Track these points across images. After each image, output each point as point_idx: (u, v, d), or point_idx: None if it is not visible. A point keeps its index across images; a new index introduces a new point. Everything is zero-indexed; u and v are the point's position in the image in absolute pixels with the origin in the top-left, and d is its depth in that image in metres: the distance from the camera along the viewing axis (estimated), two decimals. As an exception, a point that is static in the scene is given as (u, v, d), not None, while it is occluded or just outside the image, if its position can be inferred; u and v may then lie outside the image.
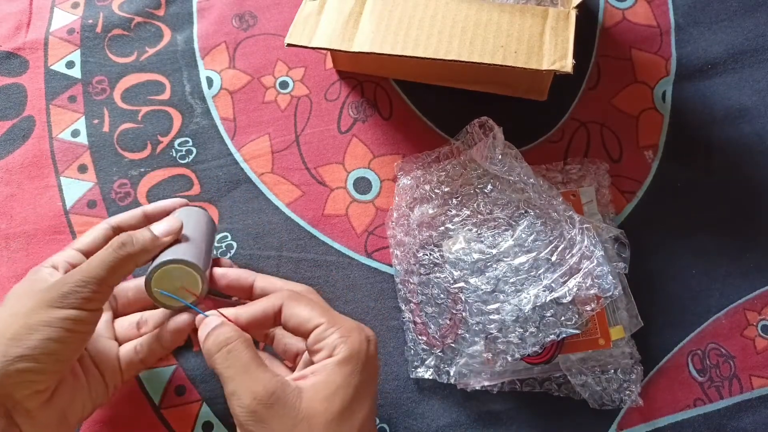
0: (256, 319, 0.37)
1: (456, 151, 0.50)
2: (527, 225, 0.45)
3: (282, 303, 0.36)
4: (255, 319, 0.36)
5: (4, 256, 0.51)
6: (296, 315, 0.36)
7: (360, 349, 0.34)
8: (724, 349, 0.47)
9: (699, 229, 0.50)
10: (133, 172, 0.54)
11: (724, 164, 0.52)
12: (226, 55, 0.58)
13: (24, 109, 0.57)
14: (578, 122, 0.54)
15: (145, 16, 0.60)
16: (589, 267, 0.42)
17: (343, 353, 0.34)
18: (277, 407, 0.32)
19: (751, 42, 0.57)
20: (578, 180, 0.50)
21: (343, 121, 0.55)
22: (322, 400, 0.32)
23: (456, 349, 0.45)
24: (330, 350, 0.34)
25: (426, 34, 0.46)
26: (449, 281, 0.45)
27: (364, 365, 0.34)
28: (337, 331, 0.34)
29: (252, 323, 0.37)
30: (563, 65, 0.44)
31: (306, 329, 0.35)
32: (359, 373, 0.33)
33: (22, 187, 0.53)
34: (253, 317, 0.37)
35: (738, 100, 0.55)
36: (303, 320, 0.35)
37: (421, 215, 0.48)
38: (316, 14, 0.49)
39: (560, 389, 0.45)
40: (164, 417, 0.45)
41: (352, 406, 0.33)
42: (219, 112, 0.56)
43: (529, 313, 0.42)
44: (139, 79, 0.58)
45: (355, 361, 0.34)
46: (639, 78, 0.56)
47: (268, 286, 0.40)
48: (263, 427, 0.32)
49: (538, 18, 0.47)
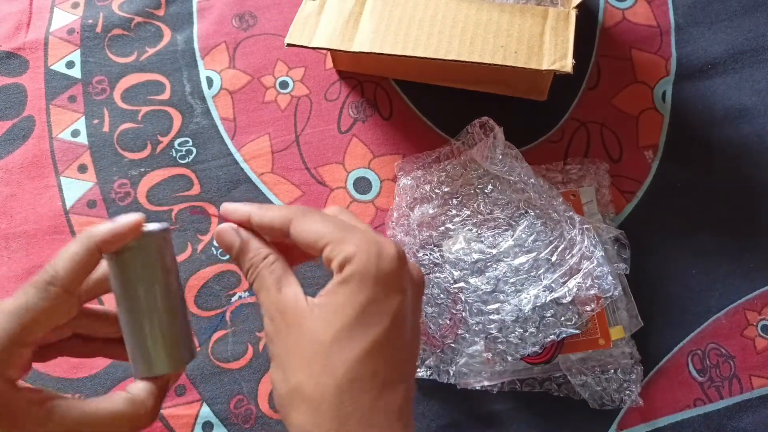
0: (263, 225, 0.33)
1: (456, 151, 0.50)
2: (527, 225, 0.45)
3: (292, 218, 0.33)
4: (262, 225, 0.33)
5: (4, 256, 0.51)
6: (306, 231, 0.32)
7: (367, 265, 0.30)
8: (724, 349, 0.47)
9: (699, 229, 0.50)
10: (133, 172, 0.54)
11: (724, 164, 0.52)
12: (226, 55, 0.58)
13: (24, 109, 0.57)
14: (578, 122, 0.54)
15: (145, 16, 0.60)
16: (589, 267, 0.42)
17: (347, 270, 0.30)
18: (290, 323, 0.31)
19: (751, 42, 0.57)
20: (578, 180, 0.50)
21: (343, 121, 0.55)
22: (324, 320, 0.30)
23: (456, 349, 0.45)
24: (338, 269, 0.31)
25: (426, 34, 0.46)
26: (449, 281, 0.45)
27: (375, 282, 0.30)
28: (345, 247, 0.31)
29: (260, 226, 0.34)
30: (563, 65, 0.44)
31: (318, 248, 0.32)
32: (367, 291, 0.30)
33: (22, 187, 0.53)
34: (260, 222, 0.33)
35: (738, 100, 0.55)
36: (313, 238, 0.32)
37: (421, 215, 0.48)
38: (316, 14, 0.49)
39: (560, 389, 0.45)
40: (164, 417, 0.46)
41: (355, 327, 0.30)
42: (219, 112, 0.56)
43: (529, 313, 0.42)
44: (139, 79, 0.58)
45: (359, 278, 0.30)
46: (639, 78, 0.56)
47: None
48: (278, 341, 0.31)
49: (538, 18, 0.47)
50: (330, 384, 0.29)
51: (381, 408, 0.30)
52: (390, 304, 0.31)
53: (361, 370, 0.30)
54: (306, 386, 0.30)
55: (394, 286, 0.31)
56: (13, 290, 0.49)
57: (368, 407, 0.30)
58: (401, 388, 0.31)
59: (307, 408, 0.30)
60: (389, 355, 0.31)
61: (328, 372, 0.29)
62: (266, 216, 0.33)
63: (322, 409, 0.29)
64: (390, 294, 0.31)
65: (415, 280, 0.33)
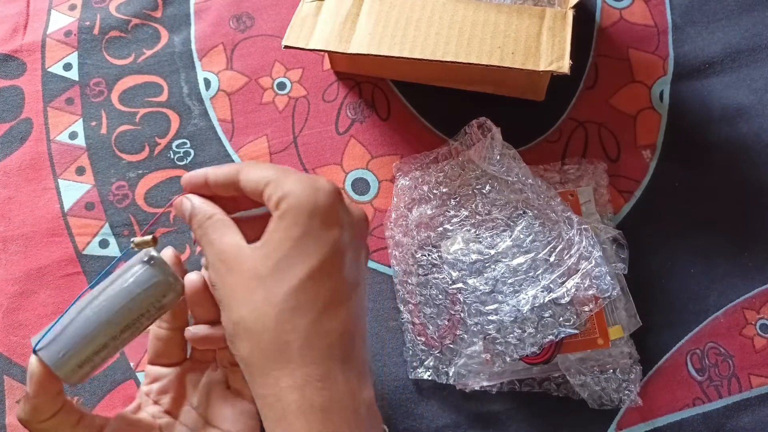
0: (218, 182, 0.35)
1: (454, 151, 0.50)
2: (525, 225, 0.45)
3: (240, 169, 0.34)
4: (217, 182, 0.35)
5: (2, 258, 0.51)
6: (250, 178, 0.33)
7: (303, 200, 0.31)
8: (723, 349, 0.47)
9: (697, 229, 0.50)
10: (131, 174, 0.54)
11: (722, 163, 0.52)
12: (224, 56, 0.58)
13: (21, 111, 0.57)
14: (576, 122, 0.54)
15: (143, 17, 0.60)
16: (587, 268, 0.42)
17: (283, 206, 0.31)
18: (231, 267, 0.32)
19: (749, 41, 0.57)
20: (576, 180, 0.50)
21: (341, 122, 0.55)
22: (263, 256, 0.31)
23: (455, 350, 0.45)
24: (275, 206, 0.32)
25: (423, 35, 0.46)
26: (447, 282, 0.45)
27: (310, 216, 0.31)
28: (282, 186, 0.32)
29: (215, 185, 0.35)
30: (560, 66, 0.44)
31: (260, 191, 0.33)
32: (303, 224, 0.31)
33: (20, 190, 0.53)
34: (215, 180, 0.35)
35: (735, 99, 0.55)
36: (256, 182, 0.33)
37: (420, 216, 0.48)
38: (313, 15, 0.49)
39: (559, 389, 0.45)
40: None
41: (293, 258, 0.31)
42: (217, 114, 0.56)
43: (528, 313, 0.42)
44: (137, 80, 0.58)
45: (295, 213, 0.31)
46: (636, 78, 0.56)
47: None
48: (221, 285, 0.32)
49: (535, 18, 0.47)
50: (270, 314, 0.30)
51: (321, 332, 0.31)
52: (326, 236, 0.31)
53: (300, 297, 0.30)
54: (248, 319, 0.31)
55: (329, 220, 0.32)
56: (12, 293, 0.49)
57: (307, 333, 0.30)
58: (342, 314, 0.31)
59: (251, 339, 0.31)
60: (328, 284, 0.31)
61: (268, 303, 0.30)
62: (219, 172, 0.35)
63: (264, 339, 0.30)
64: (326, 227, 0.32)
65: (354, 217, 0.34)
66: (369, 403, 0.32)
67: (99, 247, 0.51)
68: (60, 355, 0.32)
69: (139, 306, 0.33)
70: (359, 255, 0.34)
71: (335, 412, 0.30)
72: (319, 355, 0.30)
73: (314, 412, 0.29)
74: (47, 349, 0.32)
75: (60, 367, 0.32)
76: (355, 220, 0.34)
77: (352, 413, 0.30)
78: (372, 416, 0.32)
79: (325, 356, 0.30)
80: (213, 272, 0.33)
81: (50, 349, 0.32)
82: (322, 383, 0.30)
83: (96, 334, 0.32)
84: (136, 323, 0.33)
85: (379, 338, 0.47)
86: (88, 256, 0.51)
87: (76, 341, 0.32)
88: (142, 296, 0.33)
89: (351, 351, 0.32)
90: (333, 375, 0.30)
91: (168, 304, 0.35)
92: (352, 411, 0.30)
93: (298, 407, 0.29)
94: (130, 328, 0.33)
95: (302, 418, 0.29)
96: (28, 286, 0.50)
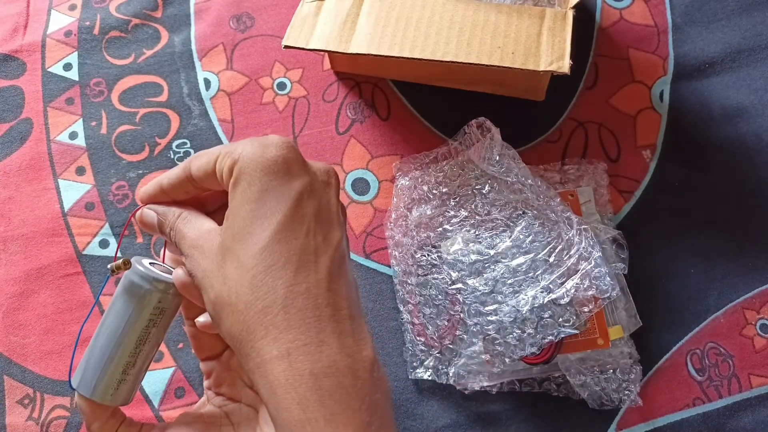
0: (173, 184, 0.34)
1: (454, 151, 0.50)
2: (525, 226, 0.45)
3: (190, 161, 0.33)
4: (172, 184, 0.34)
5: (2, 258, 0.51)
6: (201, 163, 0.32)
7: (252, 158, 0.30)
8: (723, 349, 0.47)
9: (697, 229, 0.50)
10: (131, 174, 0.54)
11: (721, 163, 0.52)
12: (224, 56, 0.58)
13: (21, 111, 0.57)
14: (576, 122, 0.54)
15: (143, 17, 0.60)
16: (587, 268, 0.42)
17: (235, 171, 0.30)
18: (205, 251, 0.31)
19: (749, 41, 0.57)
20: (576, 180, 0.50)
21: (341, 122, 0.55)
22: (227, 228, 0.30)
23: (454, 350, 0.45)
24: (228, 175, 0.31)
25: (423, 35, 0.46)
26: (447, 282, 0.45)
27: (264, 172, 0.30)
28: (231, 152, 0.31)
29: (171, 188, 0.34)
30: (560, 66, 0.44)
31: (212, 170, 0.32)
32: (257, 182, 0.29)
33: (20, 190, 0.53)
34: (170, 183, 0.34)
35: (735, 99, 0.55)
36: (207, 162, 0.32)
37: (420, 216, 0.48)
38: (313, 15, 0.49)
39: (559, 389, 0.45)
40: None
41: (255, 220, 0.29)
42: (217, 114, 0.56)
43: (527, 314, 0.42)
44: (137, 81, 0.58)
45: (248, 173, 0.30)
46: (636, 78, 0.56)
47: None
48: (198, 271, 0.31)
49: (535, 18, 0.47)
50: (244, 282, 0.29)
51: (301, 291, 0.29)
52: (287, 190, 0.30)
53: (271, 257, 0.29)
54: (224, 294, 0.29)
55: (286, 172, 0.30)
56: (12, 293, 0.49)
57: (286, 293, 0.28)
58: (322, 268, 0.29)
59: (231, 313, 0.29)
60: (299, 238, 0.29)
61: (240, 270, 0.29)
62: (171, 174, 0.34)
63: (243, 310, 0.29)
64: (285, 180, 0.30)
65: (315, 167, 0.32)
66: (369, 364, 0.29)
67: (99, 247, 0.51)
68: (93, 385, 0.34)
69: (141, 320, 0.34)
70: (330, 205, 0.32)
71: (328, 376, 0.27)
72: (304, 315, 0.28)
73: (304, 380, 0.27)
74: (82, 384, 0.34)
75: (98, 394, 0.34)
76: (316, 169, 0.32)
77: (349, 376, 0.28)
78: (375, 379, 0.29)
79: (311, 316, 0.28)
80: (189, 262, 0.32)
81: (84, 383, 0.34)
82: (310, 346, 0.27)
83: (114, 356, 0.34)
84: (147, 334, 0.35)
85: (379, 338, 0.47)
86: (88, 256, 0.51)
87: (102, 369, 0.34)
88: (137, 312, 0.34)
89: (341, 307, 0.29)
90: (322, 336, 0.28)
91: (168, 305, 0.35)
92: (349, 373, 0.28)
93: (286, 379, 0.27)
94: (145, 340, 0.35)
95: (292, 391, 0.27)
96: (28, 286, 0.50)
